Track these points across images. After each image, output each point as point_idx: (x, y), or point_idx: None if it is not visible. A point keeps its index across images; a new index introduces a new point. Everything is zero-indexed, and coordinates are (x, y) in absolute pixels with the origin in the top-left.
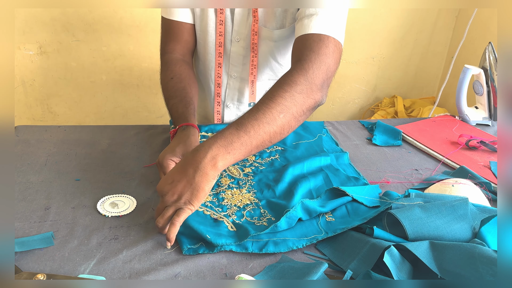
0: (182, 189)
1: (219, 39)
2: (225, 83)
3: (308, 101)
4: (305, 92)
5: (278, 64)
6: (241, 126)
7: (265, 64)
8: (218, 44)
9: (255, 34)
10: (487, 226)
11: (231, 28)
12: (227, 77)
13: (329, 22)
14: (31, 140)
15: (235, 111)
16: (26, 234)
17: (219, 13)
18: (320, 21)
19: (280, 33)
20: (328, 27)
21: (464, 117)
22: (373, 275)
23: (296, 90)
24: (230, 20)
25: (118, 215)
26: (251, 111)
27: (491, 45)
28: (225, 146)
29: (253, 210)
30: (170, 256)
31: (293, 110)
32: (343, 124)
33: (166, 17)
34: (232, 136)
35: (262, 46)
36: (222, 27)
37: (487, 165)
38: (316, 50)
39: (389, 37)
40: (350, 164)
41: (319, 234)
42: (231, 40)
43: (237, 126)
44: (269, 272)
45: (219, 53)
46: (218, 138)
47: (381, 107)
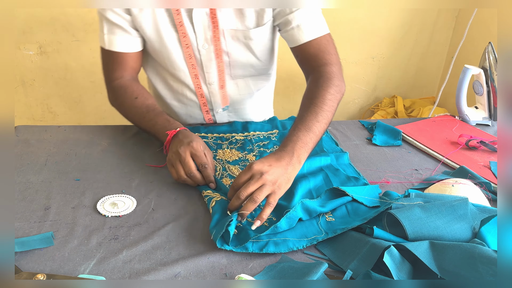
0: (280, 174)
1: (187, 51)
2: (206, 92)
3: (341, 96)
4: (340, 92)
5: (258, 60)
6: (309, 129)
7: (244, 63)
8: (188, 56)
9: (218, 39)
10: (487, 226)
11: (195, 37)
12: (206, 86)
13: (321, 20)
14: (31, 140)
15: (226, 114)
16: (26, 234)
17: (179, 26)
18: (317, 23)
19: (257, 31)
20: (324, 25)
21: (464, 117)
22: (373, 275)
23: (337, 91)
24: (191, 30)
25: (118, 215)
26: (312, 112)
27: (491, 45)
28: (303, 146)
29: (253, 210)
30: (170, 256)
31: (336, 107)
32: (343, 124)
33: (107, 48)
34: (305, 137)
35: (237, 48)
36: (186, 39)
37: (487, 165)
38: (332, 52)
39: (389, 37)
40: (350, 164)
41: (319, 235)
42: (198, 50)
43: (306, 128)
44: (269, 272)
45: (191, 65)
46: (297, 142)
47: (381, 107)
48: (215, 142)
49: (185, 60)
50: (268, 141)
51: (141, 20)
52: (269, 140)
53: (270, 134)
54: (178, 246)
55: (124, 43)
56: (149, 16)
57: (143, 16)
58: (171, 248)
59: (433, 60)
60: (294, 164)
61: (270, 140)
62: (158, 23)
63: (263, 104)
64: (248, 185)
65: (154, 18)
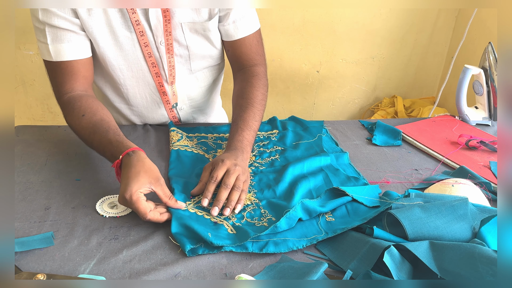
0: (240, 174)
1: (146, 50)
2: (169, 89)
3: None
4: (267, 90)
5: (215, 49)
6: (250, 128)
7: (204, 55)
8: (147, 55)
9: (169, 34)
10: (487, 226)
11: (152, 35)
12: (167, 83)
13: (253, 14)
14: (31, 140)
15: (189, 110)
16: (26, 234)
17: (135, 25)
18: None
19: (213, 22)
20: (255, 20)
21: (464, 117)
22: (373, 275)
23: (266, 90)
24: (148, 28)
25: (116, 215)
26: (250, 112)
27: (491, 45)
28: (248, 144)
29: (253, 210)
30: (170, 256)
31: (265, 104)
32: (343, 124)
33: (54, 60)
34: (248, 136)
35: (197, 40)
36: (145, 37)
37: (487, 165)
38: (260, 52)
39: (389, 37)
40: (350, 164)
41: (319, 235)
42: (157, 47)
43: (248, 128)
44: (269, 272)
45: (151, 63)
46: (243, 141)
47: (381, 107)
48: (215, 142)
49: (145, 59)
50: (268, 141)
51: (92, 24)
52: (269, 140)
53: (270, 134)
54: (178, 246)
55: (74, 50)
56: (100, 18)
57: (93, 19)
58: (171, 248)
59: (433, 60)
60: (245, 159)
61: (270, 140)
62: (113, 24)
63: (217, 95)
64: (226, 176)
65: (106, 20)
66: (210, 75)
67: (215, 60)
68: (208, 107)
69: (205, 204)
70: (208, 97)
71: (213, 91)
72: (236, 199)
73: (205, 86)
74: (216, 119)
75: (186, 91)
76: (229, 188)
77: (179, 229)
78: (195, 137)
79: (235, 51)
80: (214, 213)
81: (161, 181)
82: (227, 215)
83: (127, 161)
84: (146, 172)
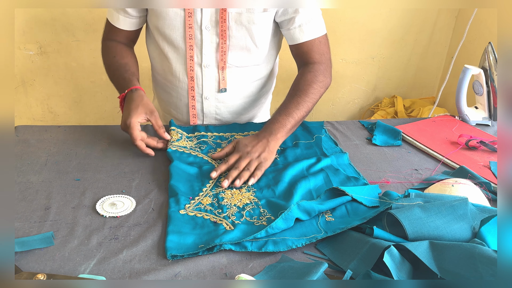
0: (262, 149)
1: (189, 31)
2: (199, 75)
3: (325, 89)
4: (324, 86)
5: (256, 47)
6: (289, 114)
7: (241, 49)
8: (188, 37)
9: (224, 21)
10: (487, 226)
11: (200, 18)
12: (200, 68)
13: (320, 21)
14: (31, 140)
15: (214, 102)
16: (26, 234)
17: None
18: (316, 24)
19: (261, 16)
20: (322, 26)
21: (464, 117)
22: (373, 275)
23: (321, 86)
24: (199, 10)
25: (116, 215)
26: (294, 101)
27: (491, 45)
28: (281, 127)
29: (252, 209)
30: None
31: (317, 99)
32: (343, 124)
33: (110, 21)
34: (283, 120)
35: (239, 31)
36: (191, 19)
37: (487, 165)
38: (323, 52)
39: (389, 37)
40: (350, 164)
41: (318, 234)
42: (201, 30)
43: (286, 113)
44: (269, 272)
45: (189, 45)
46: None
47: (381, 107)
48: (215, 141)
49: (185, 40)
50: None
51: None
52: None
53: None
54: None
55: (122, 22)
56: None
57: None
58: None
59: (433, 60)
60: (271, 141)
61: None
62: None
63: (257, 104)
64: (239, 162)
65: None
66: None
67: (252, 59)
68: (233, 109)
69: (213, 176)
70: (237, 98)
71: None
72: (246, 177)
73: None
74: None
75: (214, 83)
76: (239, 171)
77: (172, 237)
78: (194, 137)
79: (298, 51)
80: (225, 185)
81: (155, 113)
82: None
83: (130, 96)
84: (143, 105)
